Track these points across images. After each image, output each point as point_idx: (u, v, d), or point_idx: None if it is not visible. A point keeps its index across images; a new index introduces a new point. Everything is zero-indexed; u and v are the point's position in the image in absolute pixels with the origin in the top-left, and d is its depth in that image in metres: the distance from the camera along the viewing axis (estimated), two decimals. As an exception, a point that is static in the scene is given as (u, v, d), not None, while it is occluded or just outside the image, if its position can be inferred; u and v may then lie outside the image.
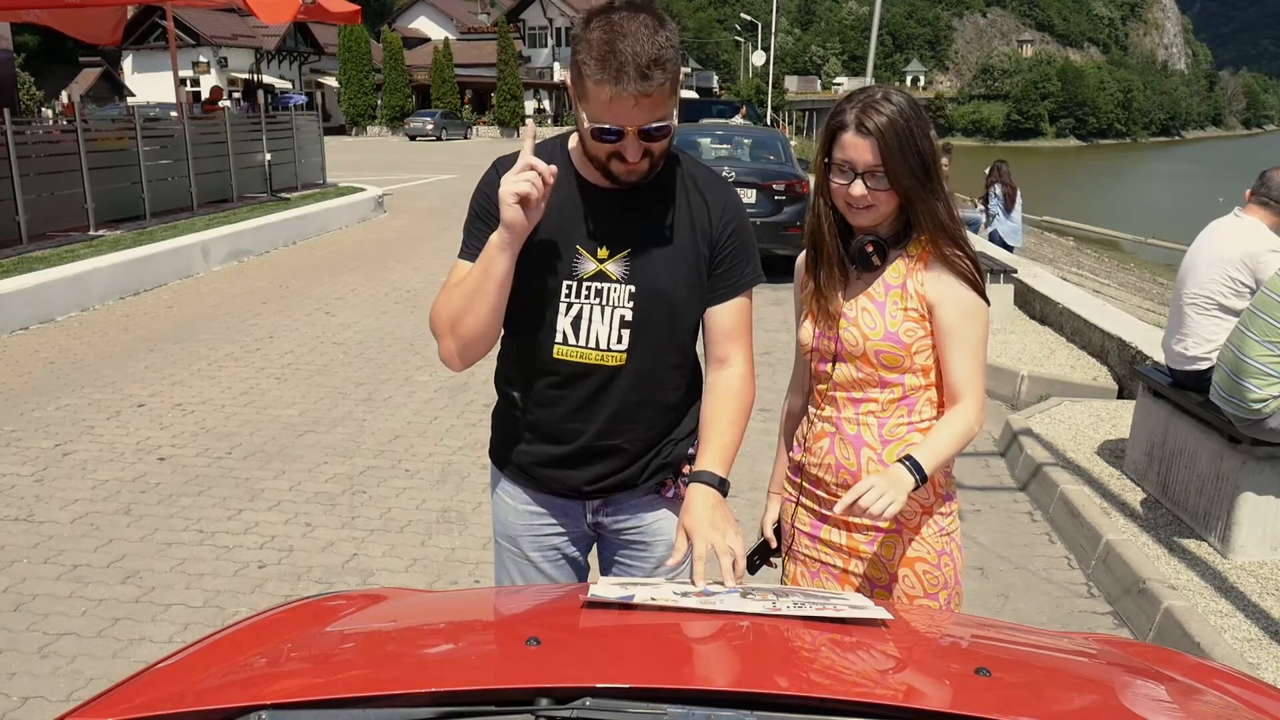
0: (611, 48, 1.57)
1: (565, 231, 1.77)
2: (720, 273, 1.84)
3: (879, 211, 1.84)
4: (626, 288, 1.77)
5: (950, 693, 1.12)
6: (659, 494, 1.94)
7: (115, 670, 2.99)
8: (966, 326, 1.84)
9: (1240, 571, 3.66)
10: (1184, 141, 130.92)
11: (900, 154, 1.77)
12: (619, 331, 1.78)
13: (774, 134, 13.56)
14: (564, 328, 1.79)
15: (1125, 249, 22.72)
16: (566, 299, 1.78)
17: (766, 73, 52.80)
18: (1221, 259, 4.00)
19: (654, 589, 1.49)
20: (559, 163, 1.76)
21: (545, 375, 1.83)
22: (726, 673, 1.20)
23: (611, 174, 1.72)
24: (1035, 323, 7.86)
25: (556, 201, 1.75)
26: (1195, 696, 1.29)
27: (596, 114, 1.64)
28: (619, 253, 1.77)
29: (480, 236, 1.77)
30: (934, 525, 1.91)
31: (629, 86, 1.58)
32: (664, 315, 1.81)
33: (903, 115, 1.78)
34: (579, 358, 1.80)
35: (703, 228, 1.82)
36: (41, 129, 11.59)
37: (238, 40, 44.17)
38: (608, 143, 1.66)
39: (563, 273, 1.77)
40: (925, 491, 1.88)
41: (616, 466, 1.88)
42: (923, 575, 1.91)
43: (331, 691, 1.11)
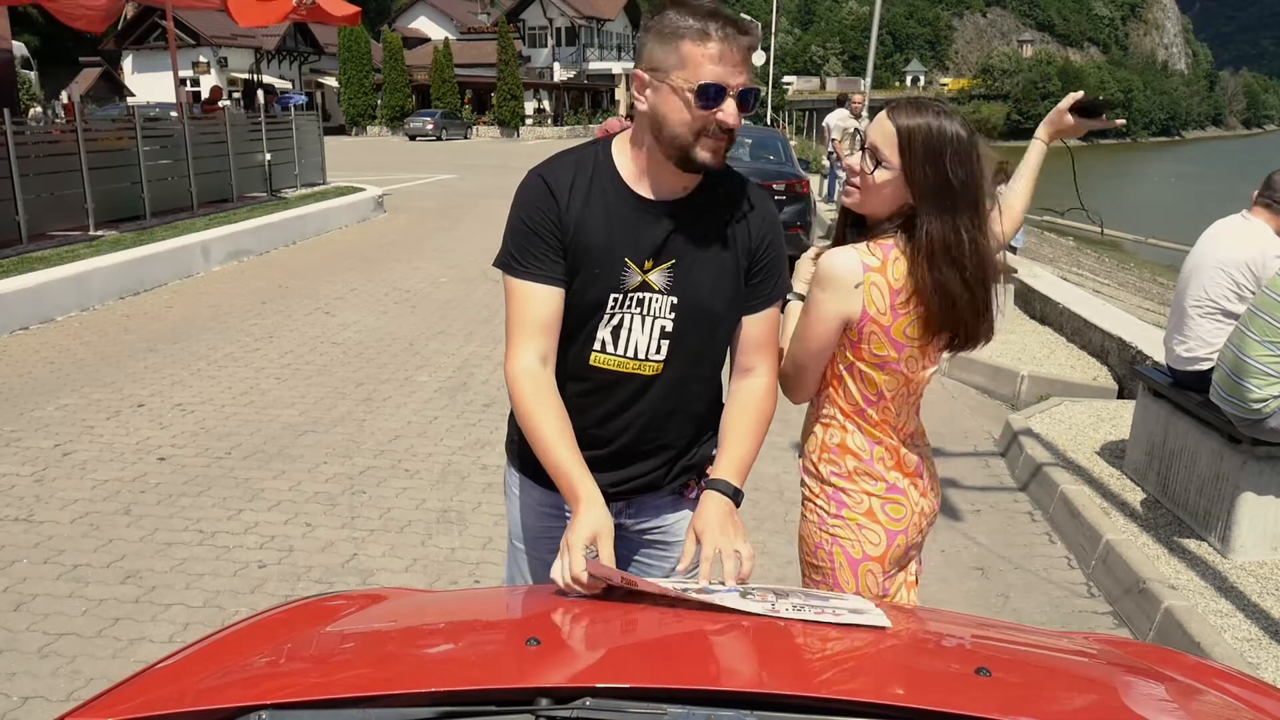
0: (710, 10, 1.61)
1: (614, 244, 1.75)
2: (755, 284, 1.84)
3: (866, 199, 1.86)
4: (669, 299, 1.77)
5: (950, 693, 1.12)
6: (682, 495, 1.95)
7: (115, 670, 2.99)
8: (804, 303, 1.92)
9: (1240, 571, 3.66)
10: (1184, 141, 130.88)
11: (915, 158, 1.78)
12: (658, 342, 1.78)
13: (774, 134, 13.56)
14: (604, 336, 1.78)
15: (1126, 249, 22.70)
16: (611, 309, 1.77)
17: (767, 73, 52.80)
18: (1225, 263, 3.97)
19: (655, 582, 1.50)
20: (603, 172, 1.77)
21: (579, 381, 1.82)
22: (726, 673, 1.20)
23: (693, 159, 1.68)
24: (1035, 323, 7.86)
25: (605, 214, 1.74)
26: (1195, 696, 1.29)
27: (699, 74, 1.61)
28: (663, 264, 1.76)
29: (538, 254, 1.74)
30: (815, 514, 2.00)
31: (735, 39, 1.61)
32: (703, 326, 1.81)
33: (939, 129, 1.78)
34: (616, 366, 1.79)
35: (743, 240, 1.82)
36: (36, 127, 11.58)
37: (238, 40, 44.15)
38: (709, 107, 1.63)
39: (609, 286, 1.75)
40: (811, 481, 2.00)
41: (643, 470, 1.88)
42: (803, 554, 2.04)
43: (331, 691, 1.11)
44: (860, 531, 1.95)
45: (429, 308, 8.44)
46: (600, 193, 1.75)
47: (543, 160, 1.81)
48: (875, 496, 1.96)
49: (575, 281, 1.75)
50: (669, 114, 1.66)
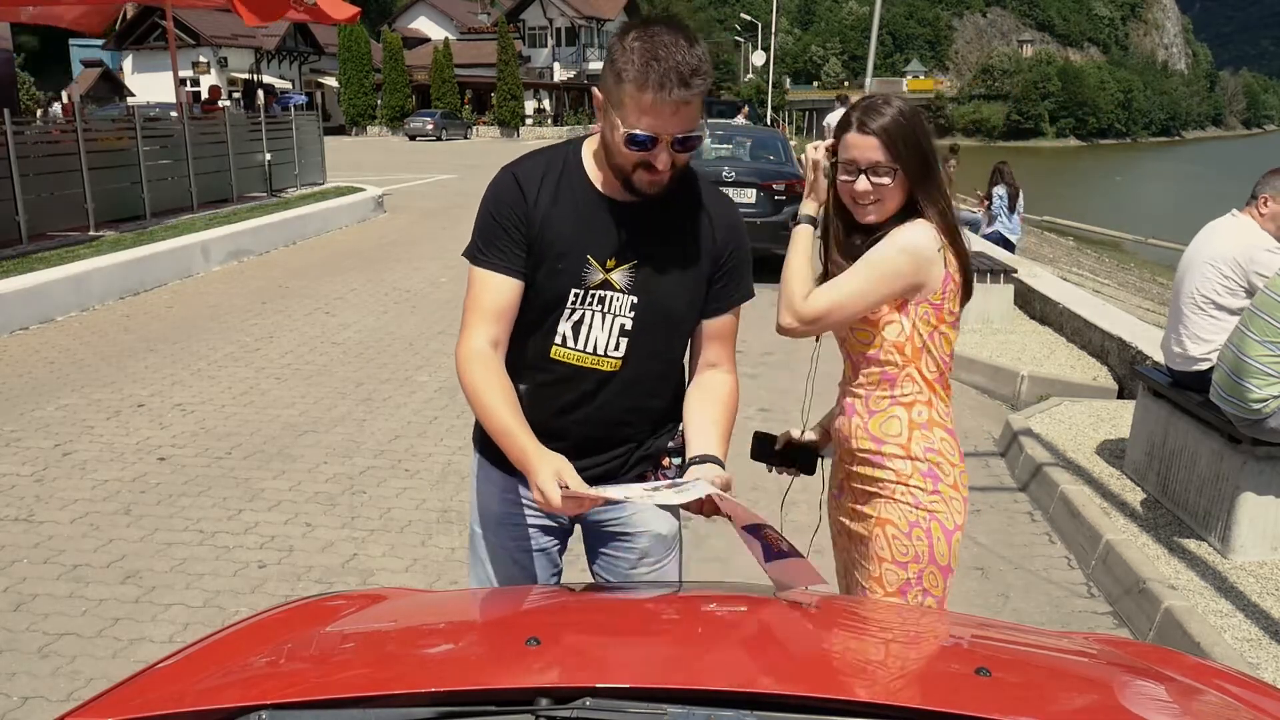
0: (655, 55, 1.63)
1: (578, 242, 1.80)
2: (718, 289, 1.91)
3: (884, 207, 1.96)
4: (629, 298, 1.82)
5: (950, 693, 1.12)
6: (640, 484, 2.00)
7: (115, 670, 2.99)
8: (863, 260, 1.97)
9: (1240, 571, 3.66)
10: (1184, 141, 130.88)
11: (906, 152, 1.91)
12: (617, 339, 1.84)
13: (774, 134, 13.57)
14: (565, 330, 1.84)
15: (1126, 249, 22.71)
16: (572, 305, 1.82)
17: (767, 73, 52.79)
18: (1214, 258, 4.03)
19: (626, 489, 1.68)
20: (572, 172, 1.83)
21: (541, 373, 1.88)
22: (726, 673, 1.20)
23: (633, 185, 1.75)
24: (1035, 323, 7.86)
25: (572, 212, 1.81)
26: (1195, 696, 1.29)
27: (633, 121, 1.67)
28: (625, 264, 1.82)
29: (501, 245, 1.81)
30: (910, 496, 2.01)
31: (672, 93, 1.63)
32: (661, 327, 1.86)
33: (903, 115, 1.92)
34: (576, 360, 1.85)
35: (707, 244, 1.87)
36: (37, 127, 11.59)
37: (238, 40, 44.15)
38: (640, 151, 1.70)
39: (571, 282, 1.81)
40: (901, 459, 2.01)
41: (600, 461, 1.93)
42: (891, 540, 2.01)
43: (331, 691, 1.11)
44: (951, 503, 2.02)
45: (429, 308, 8.44)
46: (569, 191, 1.82)
47: (516, 158, 1.88)
48: (956, 466, 2.05)
49: (538, 275, 1.81)
50: (610, 143, 1.75)
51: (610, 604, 1.56)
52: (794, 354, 7.38)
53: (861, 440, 2.04)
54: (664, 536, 2.04)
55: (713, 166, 10.46)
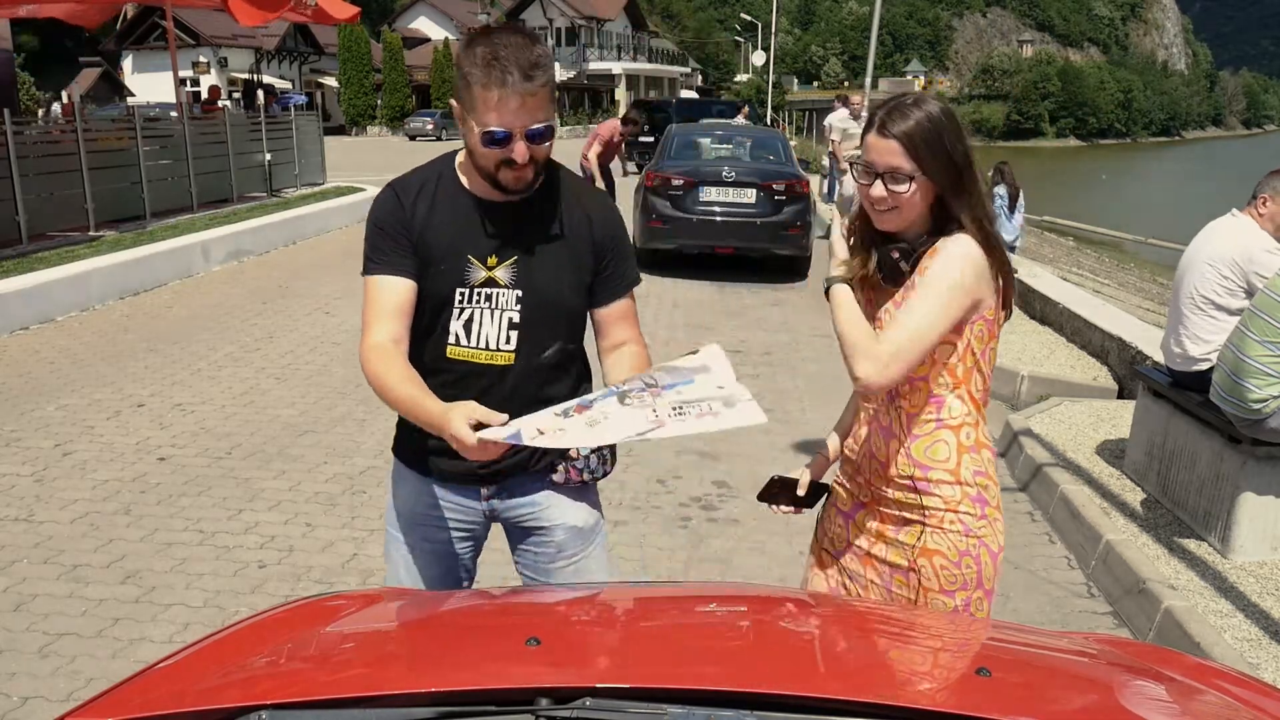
0: (495, 55, 1.73)
1: (458, 244, 1.91)
2: (605, 277, 2.02)
3: (902, 216, 1.83)
4: (514, 292, 1.92)
5: (950, 693, 1.12)
6: (549, 478, 2.04)
7: (115, 670, 2.99)
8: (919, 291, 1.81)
9: (1240, 571, 3.66)
10: (1184, 141, 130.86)
11: (930, 158, 1.79)
12: (507, 333, 1.93)
13: (774, 134, 13.56)
14: (457, 330, 1.93)
15: (1126, 249, 22.71)
16: (460, 304, 1.92)
17: (766, 73, 52.78)
18: (1213, 258, 4.03)
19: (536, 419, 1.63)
20: (447, 179, 1.95)
21: (441, 373, 1.94)
22: (726, 673, 1.20)
23: (500, 183, 1.84)
24: (1035, 323, 7.86)
25: (449, 215, 1.92)
26: (1195, 696, 1.29)
27: (485, 119, 1.77)
28: (506, 260, 1.92)
29: (387, 250, 1.91)
30: (959, 524, 1.90)
31: (515, 86, 1.73)
32: (549, 317, 1.96)
33: (930, 120, 1.80)
34: (470, 357, 1.93)
35: (585, 235, 1.98)
36: (37, 127, 11.59)
37: (238, 40, 44.15)
38: (497, 148, 1.79)
39: (455, 282, 1.91)
40: (949, 486, 1.89)
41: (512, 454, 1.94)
42: (939, 570, 1.90)
43: (331, 691, 1.11)
44: (995, 524, 1.95)
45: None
46: (445, 197, 1.93)
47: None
48: (997, 484, 1.98)
49: (425, 279, 1.91)
50: (472, 147, 1.85)
51: (610, 604, 1.56)
52: (794, 353, 7.38)
53: (902, 465, 1.90)
54: (580, 529, 2.08)
55: (713, 166, 10.46)
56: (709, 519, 4.30)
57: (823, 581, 2.10)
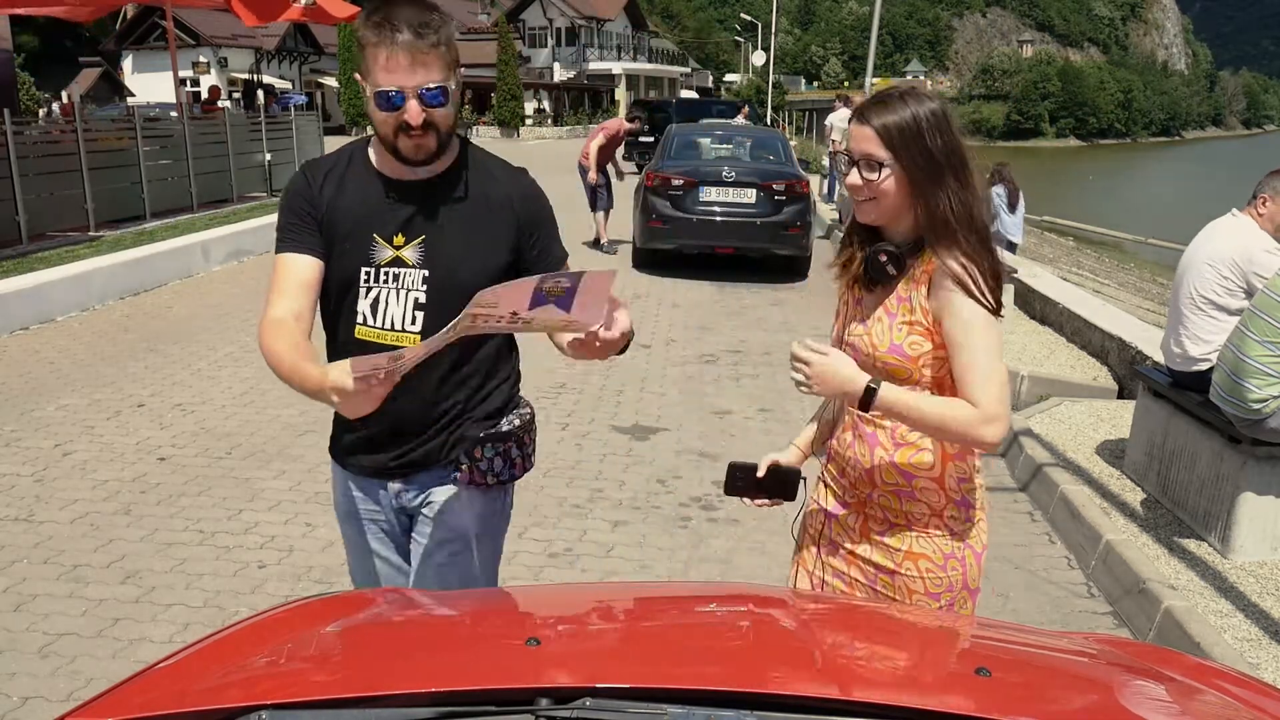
0: (387, 17, 1.74)
1: (364, 222, 1.91)
2: (534, 256, 1.99)
3: (879, 206, 1.83)
4: (420, 272, 1.90)
5: (950, 693, 1.12)
6: (454, 477, 2.04)
7: (115, 670, 2.99)
8: (964, 337, 1.80)
9: (1240, 571, 3.66)
10: (1184, 141, 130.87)
11: (904, 148, 1.77)
12: (413, 313, 1.91)
13: (774, 134, 13.56)
14: (364, 310, 1.93)
15: (1126, 249, 22.72)
16: (366, 284, 1.91)
17: (766, 73, 52.80)
18: (1213, 258, 4.03)
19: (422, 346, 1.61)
20: (358, 160, 1.95)
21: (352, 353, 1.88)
22: (726, 673, 1.20)
23: (401, 153, 1.82)
24: (1035, 323, 7.86)
25: (357, 195, 1.92)
26: (1195, 696, 1.29)
27: (377, 80, 1.76)
28: (414, 240, 1.91)
29: (294, 229, 1.92)
30: (944, 528, 1.90)
31: (404, 43, 1.73)
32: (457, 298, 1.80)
33: (912, 111, 1.78)
34: (377, 338, 1.92)
35: (504, 216, 1.96)
36: (38, 127, 11.60)
37: (238, 40, 44.14)
38: (390, 111, 1.77)
39: (361, 260, 1.91)
40: (934, 494, 1.89)
41: (419, 444, 2.00)
42: (925, 573, 1.90)
43: (331, 691, 1.11)
44: (979, 524, 1.95)
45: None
46: (353, 176, 1.93)
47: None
48: (982, 486, 1.98)
49: (332, 257, 1.92)
50: (371, 115, 1.83)
51: (610, 604, 1.56)
52: (794, 354, 7.39)
53: (887, 474, 1.91)
54: (463, 531, 2.07)
55: (713, 166, 10.46)
56: (709, 519, 4.30)
57: (806, 579, 2.10)
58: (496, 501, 2.11)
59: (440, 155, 1.87)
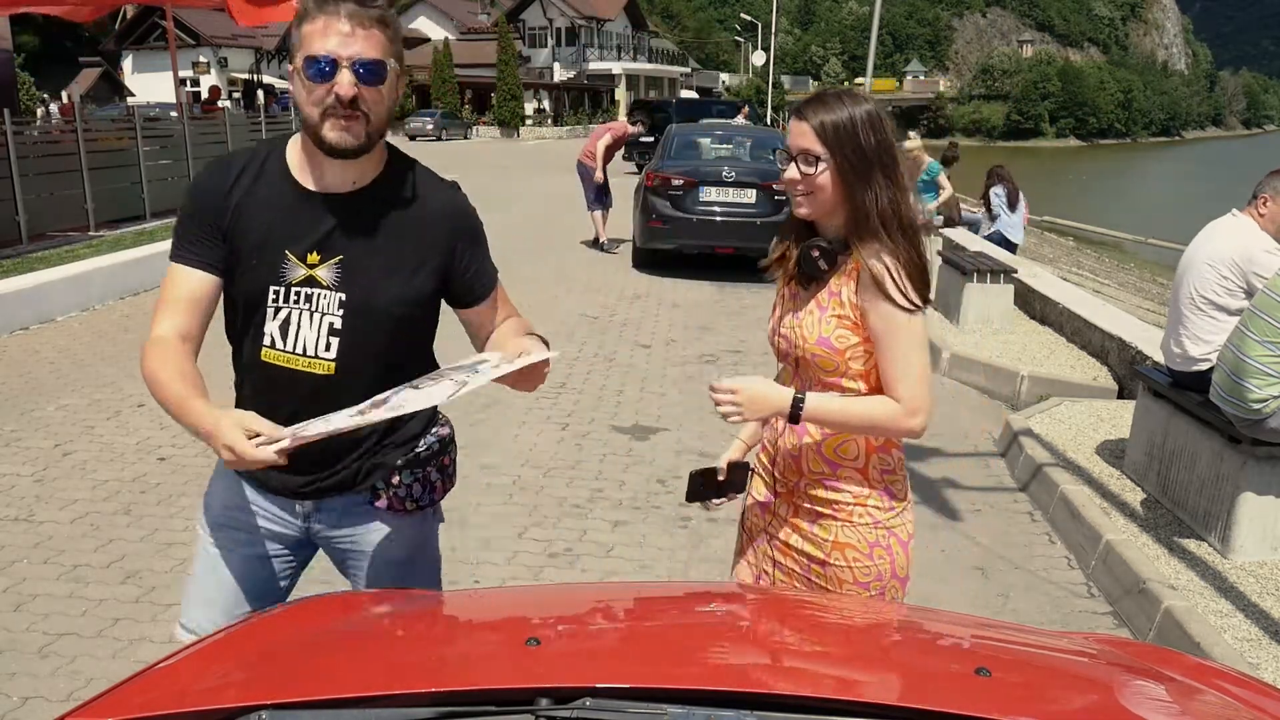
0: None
1: (274, 236, 1.73)
2: (467, 278, 1.87)
3: (815, 201, 1.89)
4: (337, 295, 1.74)
5: (950, 693, 1.12)
6: (372, 504, 1.90)
7: (115, 670, 2.99)
8: (888, 333, 1.85)
9: (1240, 571, 3.66)
10: (1184, 141, 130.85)
11: (838, 144, 1.84)
12: (327, 339, 1.75)
13: (774, 134, 13.57)
14: (272, 332, 1.77)
15: (1126, 249, 22.72)
16: (274, 304, 1.75)
17: (767, 72, 52.80)
18: (1213, 258, 4.03)
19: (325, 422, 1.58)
20: (272, 164, 1.76)
21: (256, 378, 1.82)
22: (726, 673, 1.20)
23: (326, 142, 1.65)
24: (1035, 323, 7.86)
25: (269, 204, 1.73)
26: (1195, 696, 1.29)
27: (310, 47, 1.61)
28: (330, 259, 1.74)
29: (191, 239, 1.75)
30: (868, 516, 1.95)
31: (346, 9, 1.60)
32: (377, 324, 1.76)
33: (849, 111, 1.85)
34: (286, 363, 1.77)
35: (430, 236, 1.79)
36: (37, 127, 11.60)
37: (238, 40, 44.16)
38: (321, 79, 1.61)
39: (269, 278, 1.74)
40: (858, 483, 1.95)
41: (331, 472, 1.85)
42: (852, 562, 1.96)
43: (331, 691, 1.11)
44: (904, 514, 1.99)
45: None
46: (265, 184, 1.75)
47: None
48: (905, 475, 2.02)
49: (236, 273, 1.75)
50: (297, 96, 1.67)
51: (610, 604, 1.56)
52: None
53: (814, 462, 1.96)
54: (394, 562, 1.95)
55: (713, 166, 10.46)
56: (709, 519, 4.30)
57: (747, 571, 2.14)
58: (422, 522, 1.99)
59: (368, 150, 1.70)
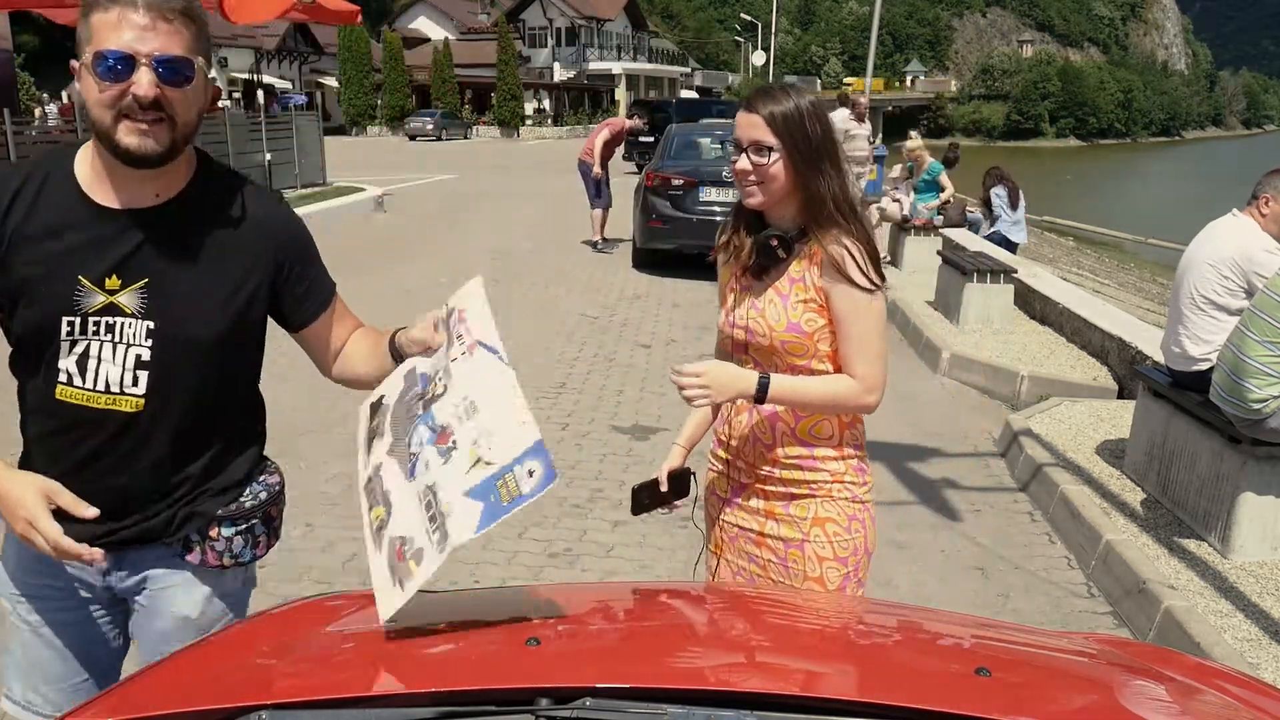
0: None
1: (64, 260, 1.51)
2: (299, 294, 1.75)
3: (768, 190, 1.92)
4: (144, 324, 1.54)
5: (950, 693, 1.12)
6: (182, 557, 1.68)
7: (115, 670, 2.98)
8: (851, 313, 1.92)
9: (1240, 571, 3.66)
10: (1184, 141, 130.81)
11: (788, 134, 1.89)
12: (134, 373, 1.55)
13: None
14: (68, 367, 1.54)
15: (1126, 249, 22.72)
16: (69, 336, 1.53)
17: (766, 72, 52.82)
18: (1213, 258, 4.03)
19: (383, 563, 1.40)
20: (59, 178, 1.55)
21: (51, 420, 1.59)
22: (726, 673, 1.20)
23: (122, 148, 1.46)
24: (1035, 323, 7.86)
25: (55, 224, 1.52)
26: (1195, 696, 1.29)
27: (101, 41, 1.42)
28: (134, 283, 1.53)
29: None
30: (846, 491, 2.01)
31: (145, 3, 1.41)
32: (190, 355, 1.58)
33: (794, 102, 1.91)
34: (87, 401, 1.55)
35: (254, 250, 1.63)
36: (37, 127, 11.61)
37: (238, 40, 44.11)
38: (114, 79, 1.41)
39: (62, 307, 1.51)
40: (834, 460, 2.00)
41: (137, 520, 1.63)
42: (833, 536, 2.00)
43: (331, 691, 1.11)
44: (870, 490, 2.06)
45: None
46: (49, 203, 1.53)
47: None
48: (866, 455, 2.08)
49: (20, 304, 1.53)
50: (87, 97, 1.46)
51: (610, 604, 1.56)
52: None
53: (789, 446, 2.00)
54: (194, 620, 1.69)
55: (713, 166, 10.46)
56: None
57: (726, 570, 2.18)
58: (234, 580, 1.75)
59: (173, 158, 1.51)
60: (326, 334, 1.80)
